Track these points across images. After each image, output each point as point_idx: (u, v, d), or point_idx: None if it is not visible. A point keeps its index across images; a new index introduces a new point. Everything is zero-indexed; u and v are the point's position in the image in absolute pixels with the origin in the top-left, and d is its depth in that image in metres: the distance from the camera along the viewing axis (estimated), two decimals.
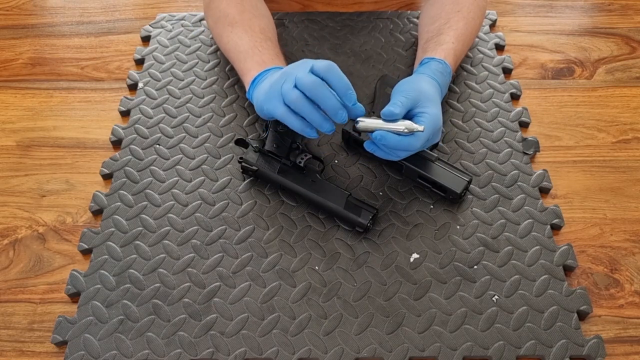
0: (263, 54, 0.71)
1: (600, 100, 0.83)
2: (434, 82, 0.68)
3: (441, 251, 0.65)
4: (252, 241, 0.66)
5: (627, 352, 0.59)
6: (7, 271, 0.65)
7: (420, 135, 0.62)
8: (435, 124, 0.63)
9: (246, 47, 0.73)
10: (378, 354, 0.58)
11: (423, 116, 0.63)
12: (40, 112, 0.81)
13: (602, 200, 0.71)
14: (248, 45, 0.73)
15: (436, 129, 0.64)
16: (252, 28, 0.75)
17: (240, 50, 0.74)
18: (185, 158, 0.74)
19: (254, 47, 0.72)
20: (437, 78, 0.69)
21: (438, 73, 0.70)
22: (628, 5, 0.97)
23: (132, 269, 0.63)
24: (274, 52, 0.73)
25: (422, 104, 0.64)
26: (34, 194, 0.72)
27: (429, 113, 0.63)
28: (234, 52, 0.75)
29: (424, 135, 0.62)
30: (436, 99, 0.66)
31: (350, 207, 0.66)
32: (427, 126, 0.62)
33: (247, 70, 0.72)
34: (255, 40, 0.73)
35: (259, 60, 0.71)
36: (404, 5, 0.97)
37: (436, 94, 0.67)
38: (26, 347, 0.59)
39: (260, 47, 0.72)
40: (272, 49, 0.73)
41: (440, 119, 0.64)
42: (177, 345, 0.58)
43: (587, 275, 0.64)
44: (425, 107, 0.63)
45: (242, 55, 0.73)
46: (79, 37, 0.92)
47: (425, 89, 0.65)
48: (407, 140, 0.62)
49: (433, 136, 0.64)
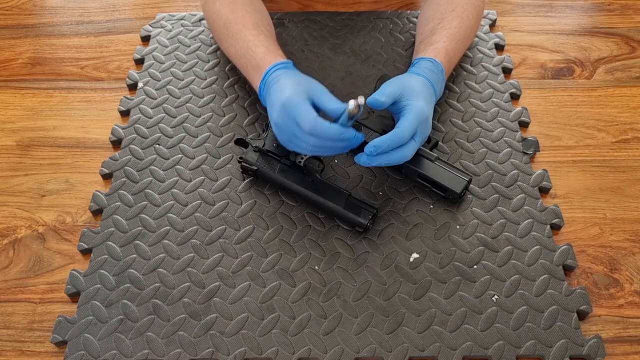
0: (256, 54, 0.72)
1: (600, 100, 0.83)
2: (422, 79, 0.68)
3: (441, 251, 0.65)
4: (252, 241, 0.66)
5: (627, 352, 0.59)
6: (7, 271, 0.65)
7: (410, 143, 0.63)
8: (420, 117, 0.63)
9: (243, 50, 0.74)
10: (378, 354, 0.58)
11: (407, 109, 0.64)
12: (40, 112, 0.81)
13: (602, 200, 0.71)
14: (244, 48, 0.73)
15: (422, 121, 0.64)
16: (246, 26, 0.75)
17: (240, 55, 0.74)
18: (185, 158, 0.74)
19: (249, 50, 0.73)
20: (427, 75, 0.69)
21: (428, 71, 0.69)
22: (628, 5, 0.97)
23: (132, 269, 0.63)
24: (266, 48, 0.72)
25: (407, 98, 0.64)
26: (34, 194, 0.72)
27: (413, 105, 0.64)
28: (236, 57, 0.76)
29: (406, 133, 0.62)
30: (422, 94, 0.66)
31: (350, 207, 0.66)
32: (412, 118, 0.63)
33: (251, 81, 0.73)
34: (249, 41, 0.73)
35: (255, 65, 0.71)
36: (403, 5, 0.97)
37: (423, 89, 0.66)
38: (26, 347, 0.59)
39: (254, 46, 0.72)
40: (264, 45, 0.72)
41: (424, 112, 0.64)
42: (177, 345, 0.58)
43: (587, 275, 0.64)
44: (410, 100, 0.64)
45: (243, 60, 0.74)
46: (79, 37, 0.92)
47: (411, 84, 0.66)
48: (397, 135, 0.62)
49: (423, 129, 0.65)
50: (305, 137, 0.62)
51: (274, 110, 0.64)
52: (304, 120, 0.60)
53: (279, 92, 0.64)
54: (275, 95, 0.65)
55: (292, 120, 0.62)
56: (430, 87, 0.68)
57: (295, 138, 0.63)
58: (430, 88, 0.68)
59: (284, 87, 0.64)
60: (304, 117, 0.61)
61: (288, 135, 0.63)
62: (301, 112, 0.61)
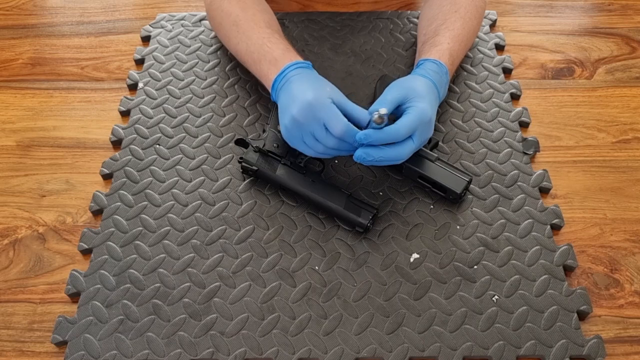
0: (274, 50, 0.71)
1: (600, 100, 0.83)
2: (426, 80, 0.68)
3: (441, 251, 0.65)
4: (252, 241, 0.66)
5: (627, 352, 0.59)
6: (7, 271, 0.65)
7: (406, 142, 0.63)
8: (422, 118, 0.63)
9: (256, 45, 0.72)
10: (378, 354, 0.58)
11: (410, 110, 0.64)
12: (40, 112, 0.81)
13: (602, 200, 0.71)
14: (258, 44, 0.72)
15: (424, 123, 0.64)
16: (258, 24, 0.74)
17: (252, 51, 0.73)
18: (185, 158, 0.74)
19: (263, 45, 0.72)
20: (431, 77, 0.69)
21: (432, 72, 0.69)
22: (628, 5, 0.97)
23: (132, 269, 0.63)
24: (284, 46, 0.72)
25: (410, 99, 0.64)
26: (34, 194, 0.72)
27: (416, 107, 0.64)
28: (246, 53, 0.75)
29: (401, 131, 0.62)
30: (426, 95, 0.66)
31: (350, 207, 0.66)
32: (411, 118, 0.63)
33: (264, 74, 0.71)
34: (263, 37, 0.73)
35: (271, 58, 0.70)
36: (403, 5, 0.97)
37: (427, 90, 0.66)
38: (26, 347, 0.59)
39: (270, 42, 0.72)
40: (282, 43, 0.72)
41: (426, 114, 0.64)
42: (177, 345, 0.58)
43: (587, 275, 0.64)
44: (413, 102, 0.64)
45: (255, 55, 0.73)
46: (79, 37, 0.92)
47: (414, 86, 0.66)
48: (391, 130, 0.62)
49: (423, 131, 0.64)
50: (326, 139, 0.62)
51: (294, 105, 0.63)
52: (334, 123, 0.61)
53: (302, 90, 0.63)
54: (298, 91, 0.64)
55: (317, 121, 0.61)
56: (434, 89, 0.68)
57: (310, 138, 0.63)
58: (434, 90, 0.68)
59: (309, 85, 0.64)
60: (334, 120, 0.61)
61: (304, 133, 0.63)
62: (331, 115, 0.61)
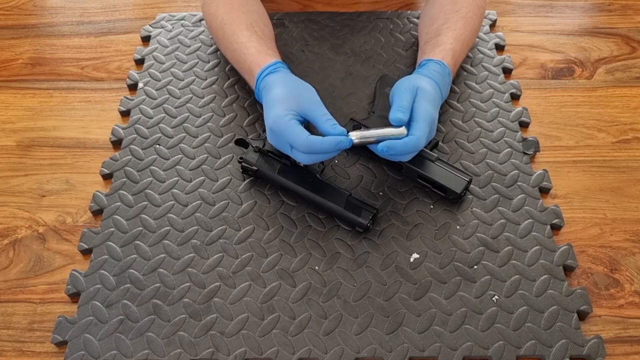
0: (247, 58, 0.72)
1: (600, 100, 0.83)
2: (430, 81, 0.68)
3: (441, 251, 0.65)
4: (252, 241, 0.66)
5: (627, 352, 0.59)
6: (7, 271, 0.65)
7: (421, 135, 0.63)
8: (430, 122, 0.65)
9: (235, 53, 0.75)
10: (378, 354, 0.58)
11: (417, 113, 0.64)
12: (40, 112, 0.81)
13: (602, 200, 0.71)
14: (237, 51, 0.74)
15: (433, 127, 0.66)
16: (239, 27, 0.75)
17: (235, 59, 0.76)
18: (185, 158, 0.74)
19: (241, 53, 0.73)
20: (435, 78, 0.69)
21: (436, 73, 0.70)
22: (628, 5, 0.97)
23: (132, 269, 0.63)
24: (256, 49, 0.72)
25: (416, 100, 0.65)
26: (34, 194, 0.72)
27: (424, 110, 0.64)
28: (232, 60, 0.78)
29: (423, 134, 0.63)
30: (431, 97, 0.66)
31: (350, 207, 0.66)
32: (424, 124, 0.64)
33: (249, 82, 0.75)
34: (240, 43, 0.74)
35: (247, 69, 0.72)
36: (403, 5, 0.97)
37: (432, 92, 0.67)
38: (26, 347, 0.59)
39: (245, 49, 0.73)
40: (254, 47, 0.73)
41: (433, 116, 0.66)
42: (177, 345, 0.58)
43: (587, 275, 0.64)
44: (419, 102, 0.65)
45: (238, 64, 0.76)
46: (79, 37, 0.92)
47: (421, 87, 0.66)
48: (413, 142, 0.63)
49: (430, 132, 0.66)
50: (299, 154, 0.63)
51: (266, 124, 0.65)
52: (296, 141, 0.61)
53: (267, 110, 0.65)
54: (266, 107, 0.66)
55: (284, 141, 0.63)
56: (438, 90, 0.68)
57: (291, 152, 0.64)
58: (437, 91, 0.68)
59: (271, 103, 0.65)
60: (295, 139, 0.61)
61: (284, 149, 0.65)
62: (291, 134, 0.61)
